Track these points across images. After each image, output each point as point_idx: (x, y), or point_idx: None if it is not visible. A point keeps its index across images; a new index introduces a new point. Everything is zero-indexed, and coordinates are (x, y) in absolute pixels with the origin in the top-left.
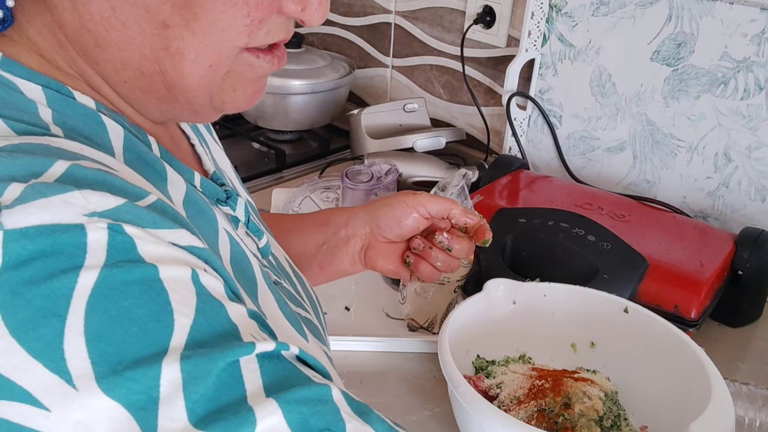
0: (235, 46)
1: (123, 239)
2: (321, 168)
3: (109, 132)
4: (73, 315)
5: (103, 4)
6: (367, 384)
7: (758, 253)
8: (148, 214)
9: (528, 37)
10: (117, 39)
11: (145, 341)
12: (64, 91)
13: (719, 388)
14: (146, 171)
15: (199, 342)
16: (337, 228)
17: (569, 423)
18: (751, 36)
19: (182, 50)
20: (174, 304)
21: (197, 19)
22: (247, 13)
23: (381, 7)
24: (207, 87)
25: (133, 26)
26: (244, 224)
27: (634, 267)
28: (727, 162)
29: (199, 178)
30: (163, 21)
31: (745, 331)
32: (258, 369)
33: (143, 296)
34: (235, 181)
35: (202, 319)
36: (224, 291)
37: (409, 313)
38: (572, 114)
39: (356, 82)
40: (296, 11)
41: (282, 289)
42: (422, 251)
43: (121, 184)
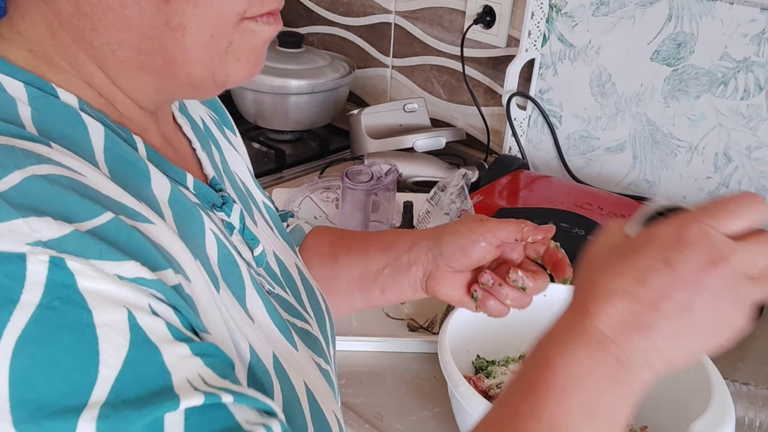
0: (234, 12)
1: (63, 275)
2: (321, 168)
3: (90, 131)
4: (1, 354)
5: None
6: (367, 384)
7: None
8: (95, 244)
9: (528, 37)
10: (115, 20)
11: (66, 392)
12: (48, 88)
13: (719, 388)
14: (127, 170)
15: (122, 396)
16: (400, 253)
17: None
18: (751, 36)
19: (184, 24)
20: (102, 354)
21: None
22: None
23: (381, 7)
24: (209, 59)
25: (131, 5)
26: (239, 231)
27: None
28: (727, 162)
29: (193, 181)
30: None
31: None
32: (183, 423)
33: (72, 343)
34: (251, 184)
35: (129, 370)
36: (166, 329)
37: (409, 313)
38: (572, 114)
39: (356, 82)
40: None
41: (276, 297)
42: (491, 287)
43: (74, 201)
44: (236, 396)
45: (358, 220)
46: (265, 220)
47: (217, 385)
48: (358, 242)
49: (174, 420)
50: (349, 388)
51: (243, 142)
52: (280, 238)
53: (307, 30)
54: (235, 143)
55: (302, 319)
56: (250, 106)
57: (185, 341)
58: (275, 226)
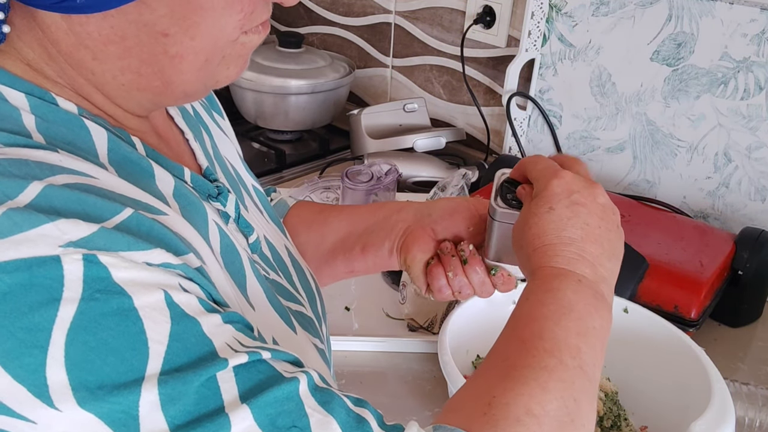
0: (230, 40)
1: (98, 269)
2: (321, 168)
3: (93, 135)
4: (54, 346)
5: (101, 23)
6: (367, 384)
7: (758, 253)
8: (122, 237)
9: (528, 37)
10: (116, 50)
11: (123, 369)
12: (47, 97)
13: (719, 388)
14: (133, 169)
15: (174, 365)
16: (389, 212)
17: None
18: (751, 36)
19: (181, 53)
20: (149, 333)
21: (196, 25)
22: (240, 9)
23: (381, 7)
24: (203, 76)
25: (131, 38)
26: (234, 220)
27: (634, 267)
28: (727, 162)
29: (189, 174)
30: (162, 31)
31: (745, 331)
32: (233, 378)
33: (119, 327)
34: (240, 168)
35: (176, 343)
36: (199, 304)
37: (409, 313)
38: (572, 114)
39: (356, 82)
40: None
41: (272, 282)
42: (444, 255)
43: (95, 202)
44: (272, 351)
45: None
46: (256, 205)
47: (252, 345)
48: (349, 208)
49: (226, 377)
50: (350, 388)
51: (240, 144)
52: (270, 221)
53: (307, 30)
54: (224, 126)
55: (296, 302)
56: (250, 106)
57: (215, 312)
58: (265, 209)
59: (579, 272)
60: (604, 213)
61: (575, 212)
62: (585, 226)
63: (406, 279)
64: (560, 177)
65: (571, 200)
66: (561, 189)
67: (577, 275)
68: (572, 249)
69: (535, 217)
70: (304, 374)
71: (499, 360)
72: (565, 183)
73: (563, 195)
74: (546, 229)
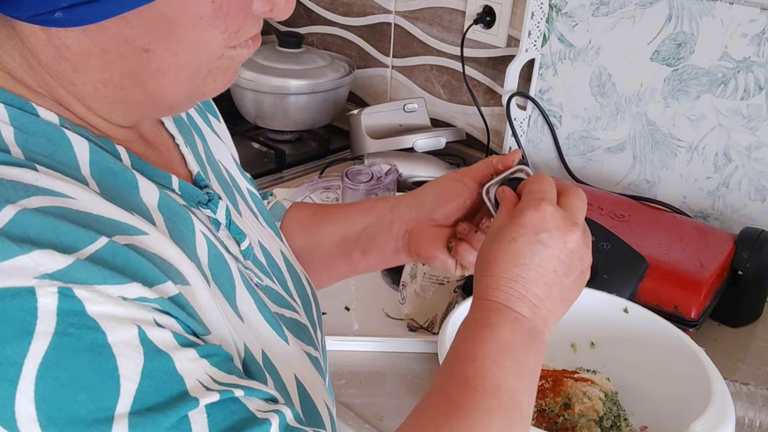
0: (214, 56)
1: (72, 303)
2: (321, 168)
3: (74, 146)
4: (24, 381)
5: (81, 37)
6: (367, 384)
7: (758, 253)
8: (97, 270)
9: (528, 37)
10: (97, 63)
11: (94, 407)
12: (28, 108)
13: (719, 388)
14: (115, 181)
15: (145, 405)
16: (382, 213)
17: (569, 423)
18: (751, 36)
19: (162, 69)
20: (121, 370)
21: (178, 41)
22: (224, 28)
23: (381, 7)
24: (188, 90)
25: (112, 51)
26: (225, 226)
27: (634, 267)
28: (727, 162)
29: (178, 182)
30: (143, 47)
31: (745, 331)
32: (205, 419)
33: (92, 363)
34: (235, 171)
35: (148, 381)
36: (173, 338)
37: (409, 313)
38: (572, 114)
39: (356, 82)
40: (266, 12)
41: (266, 289)
42: (467, 235)
43: (69, 230)
44: (245, 389)
45: None
46: (250, 209)
47: (225, 381)
48: (340, 210)
49: (197, 417)
50: (349, 388)
51: (239, 144)
52: (265, 225)
53: (307, 30)
54: (219, 129)
55: (291, 309)
56: (250, 106)
57: (191, 346)
58: (260, 213)
59: (517, 310)
60: (568, 258)
61: (534, 251)
62: (538, 268)
63: (406, 279)
64: (539, 210)
65: (536, 238)
66: (532, 223)
67: (514, 313)
68: (516, 287)
69: (496, 243)
70: (277, 414)
71: (443, 399)
72: (540, 218)
73: (530, 230)
74: (499, 259)
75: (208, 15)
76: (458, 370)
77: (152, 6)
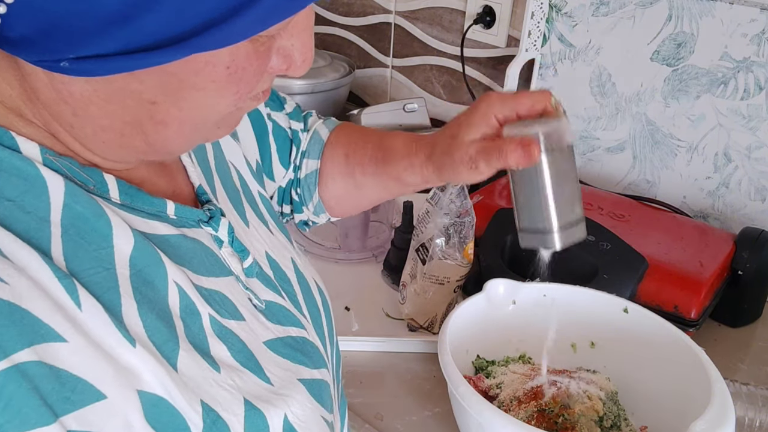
0: (221, 115)
1: None
2: None
3: (50, 188)
4: None
5: (85, 85)
6: (367, 384)
7: (758, 253)
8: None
9: (528, 37)
10: (97, 111)
11: None
12: (6, 139)
13: (719, 388)
14: (86, 228)
15: None
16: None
17: (569, 423)
18: (751, 36)
19: (166, 121)
20: None
21: (186, 99)
22: (236, 90)
23: (381, 7)
24: (193, 138)
25: (116, 102)
26: (228, 243)
27: (634, 267)
28: (727, 162)
29: (174, 207)
30: (149, 99)
31: (745, 331)
32: None
33: None
34: (246, 173)
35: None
36: None
37: (409, 313)
38: (572, 114)
39: (356, 82)
40: (282, 70)
41: (267, 311)
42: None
43: None
44: None
45: (358, 220)
46: (260, 216)
47: None
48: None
49: None
50: (349, 388)
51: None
52: (276, 232)
53: None
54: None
55: (299, 326)
56: None
57: None
58: (271, 218)
59: None
60: None
61: None
62: None
63: (406, 279)
64: None
65: None
66: None
67: None
68: None
69: None
70: None
71: None
72: None
73: None
74: None
75: (221, 79)
76: None
77: (163, 67)
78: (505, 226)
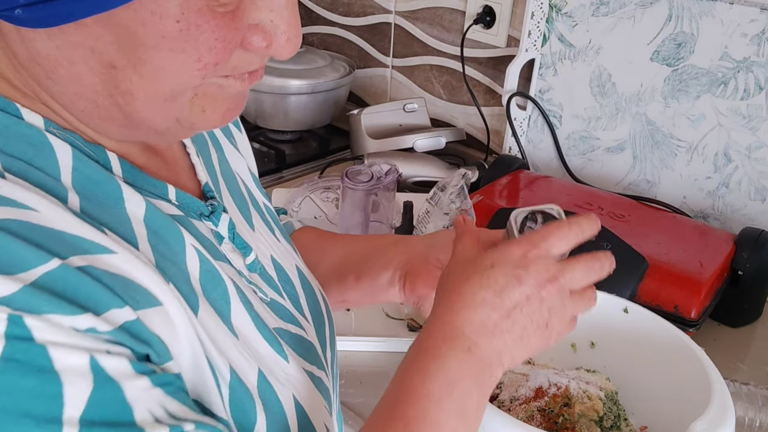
0: (189, 86)
1: (21, 330)
2: (321, 168)
3: (57, 152)
4: None
5: (47, 42)
6: (367, 384)
7: (758, 253)
8: (47, 299)
9: (528, 37)
10: (66, 74)
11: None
12: (10, 109)
13: (719, 388)
14: (97, 191)
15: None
16: (385, 244)
17: (569, 423)
18: (751, 36)
19: (131, 91)
20: (66, 397)
21: (143, 63)
22: (198, 58)
23: (381, 7)
24: (170, 114)
25: (80, 63)
26: (229, 239)
27: (634, 267)
28: (727, 162)
29: (175, 192)
30: (109, 62)
31: (745, 331)
32: None
33: (37, 388)
34: (252, 185)
35: (92, 409)
36: (128, 365)
37: (409, 313)
38: (572, 114)
39: (356, 82)
40: (261, 48)
41: (270, 305)
42: None
43: (18, 249)
44: (197, 424)
45: (358, 220)
46: (267, 223)
47: (178, 414)
48: (344, 236)
49: None
50: (349, 388)
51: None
52: (282, 240)
53: (307, 30)
54: (240, 141)
55: (297, 325)
56: (250, 106)
57: (145, 374)
58: (277, 227)
59: (473, 338)
60: (537, 303)
61: (508, 283)
62: (506, 299)
63: None
64: (529, 246)
65: (513, 272)
66: (514, 256)
67: (468, 341)
68: (478, 311)
69: (471, 265)
70: None
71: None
72: (522, 254)
73: (510, 262)
74: (472, 280)
75: (172, 35)
76: (399, 410)
77: (112, 16)
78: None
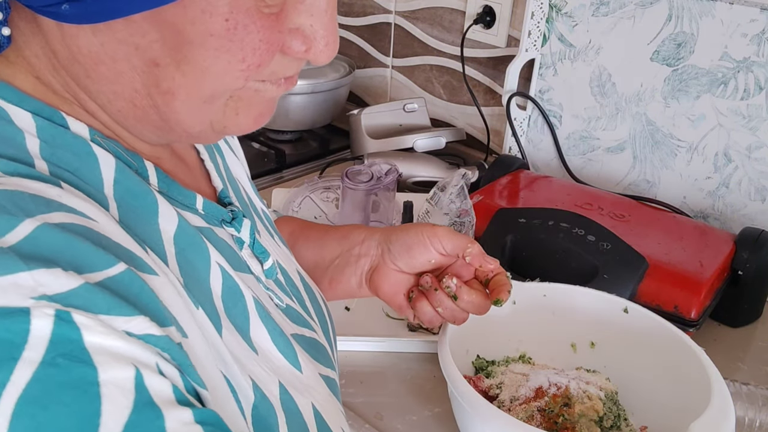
0: (230, 88)
1: (68, 329)
2: (321, 168)
3: (101, 164)
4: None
5: (91, 38)
6: (367, 384)
7: (758, 253)
8: (104, 298)
9: (528, 37)
10: (107, 72)
11: None
12: (57, 118)
13: (719, 388)
14: (135, 204)
15: None
16: (352, 244)
17: (569, 423)
18: (751, 36)
19: (173, 90)
20: (103, 417)
21: (187, 61)
22: (242, 58)
23: (381, 7)
24: (205, 116)
25: (122, 61)
26: (249, 246)
27: (634, 267)
28: (727, 162)
29: (202, 202)
30: (153, 59)
31: (745, 331)
32: None
33: (74, 404)
34: (250, 191)
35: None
36: (172, 392)
37: None
38: (572, 114)
39: (356, 82)
40: (300, 52)
41: (286, 311)
42: (428, 290)
43: (87, 250)
44: None
45: (358, 220)
46: (267, 229)
47: None
48: (317, 232)
49: None
50: (349, 388)
51: (240, 145)
52: (281, 245)
53: None
54: (234, 146)
55: (309, 328)
56: None
57: (189, 406)
58: (275, 232)
59: None
60: None
61: None
62: None
63: None
64: None
65: None
66: None
67: None
68: None
69: None
70: None
71: None
72: None
73: None
74: None
75: (220, 34)
76: None
77: (161, 12)
78: (505, 226)
